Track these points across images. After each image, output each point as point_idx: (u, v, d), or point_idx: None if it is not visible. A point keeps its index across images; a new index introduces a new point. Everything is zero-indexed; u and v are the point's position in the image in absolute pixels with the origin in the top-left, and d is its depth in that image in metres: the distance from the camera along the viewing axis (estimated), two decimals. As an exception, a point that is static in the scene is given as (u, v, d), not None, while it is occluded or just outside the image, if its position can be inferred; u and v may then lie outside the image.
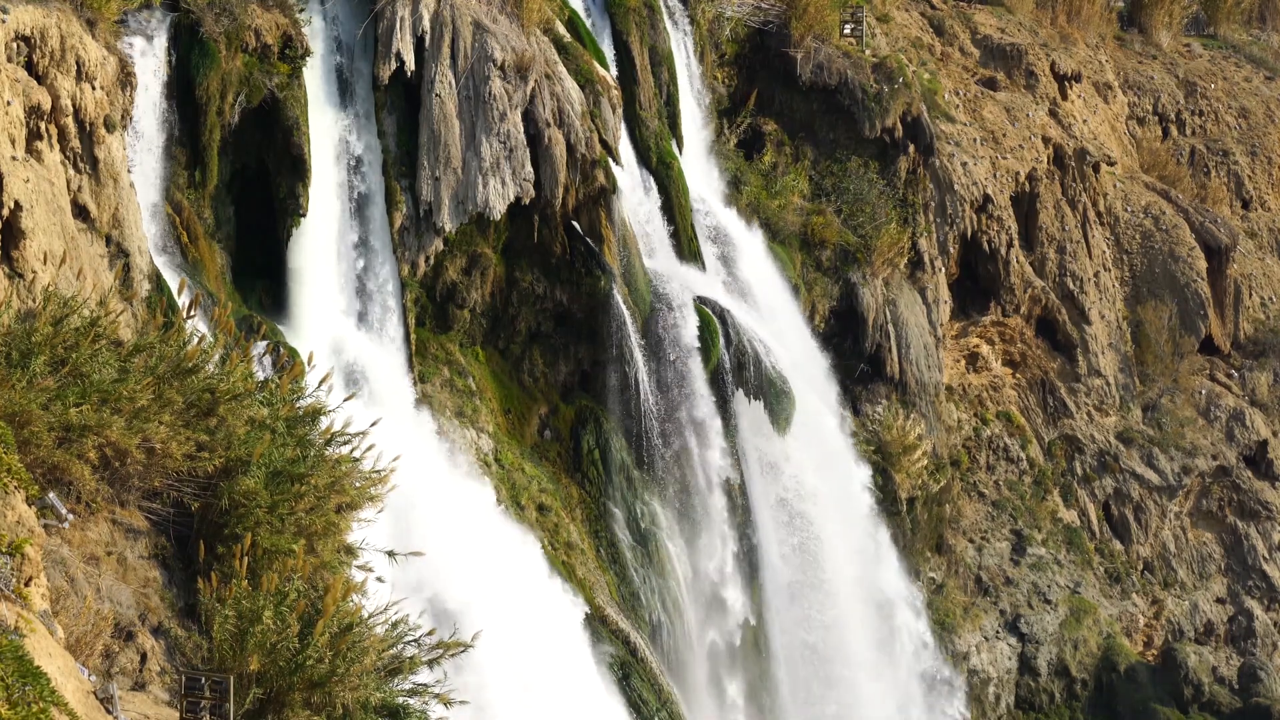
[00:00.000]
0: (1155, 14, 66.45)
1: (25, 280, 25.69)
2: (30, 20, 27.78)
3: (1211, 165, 63.99)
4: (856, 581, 45.04)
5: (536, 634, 34.27)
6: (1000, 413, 53.82)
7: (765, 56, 49.26)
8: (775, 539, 43.11)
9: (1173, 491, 55.09)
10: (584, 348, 40.51)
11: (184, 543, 20.83)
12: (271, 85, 34.79)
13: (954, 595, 50.06)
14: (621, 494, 40.37)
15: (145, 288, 30.35)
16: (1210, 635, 54.51)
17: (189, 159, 34.05)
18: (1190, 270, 57.85)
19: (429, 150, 37.53)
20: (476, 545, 34.68)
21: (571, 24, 41.95)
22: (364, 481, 21.77)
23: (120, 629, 18.83)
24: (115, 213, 29.76)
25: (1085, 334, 55.13)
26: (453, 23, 38.00)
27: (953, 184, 51.41)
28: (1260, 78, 68.22)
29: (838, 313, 47.73)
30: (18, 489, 16.55)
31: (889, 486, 47.49)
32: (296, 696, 18.46)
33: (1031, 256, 54.55)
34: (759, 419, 42.46)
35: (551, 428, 40.53)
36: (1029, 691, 50.56)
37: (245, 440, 20.74)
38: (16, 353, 19.48)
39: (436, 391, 38.14)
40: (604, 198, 39.82)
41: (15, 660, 13.89)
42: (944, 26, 58.30)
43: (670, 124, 44.47)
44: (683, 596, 40.74)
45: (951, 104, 54.30)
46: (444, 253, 38.39)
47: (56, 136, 28.49)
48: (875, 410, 48.01)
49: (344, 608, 19.02)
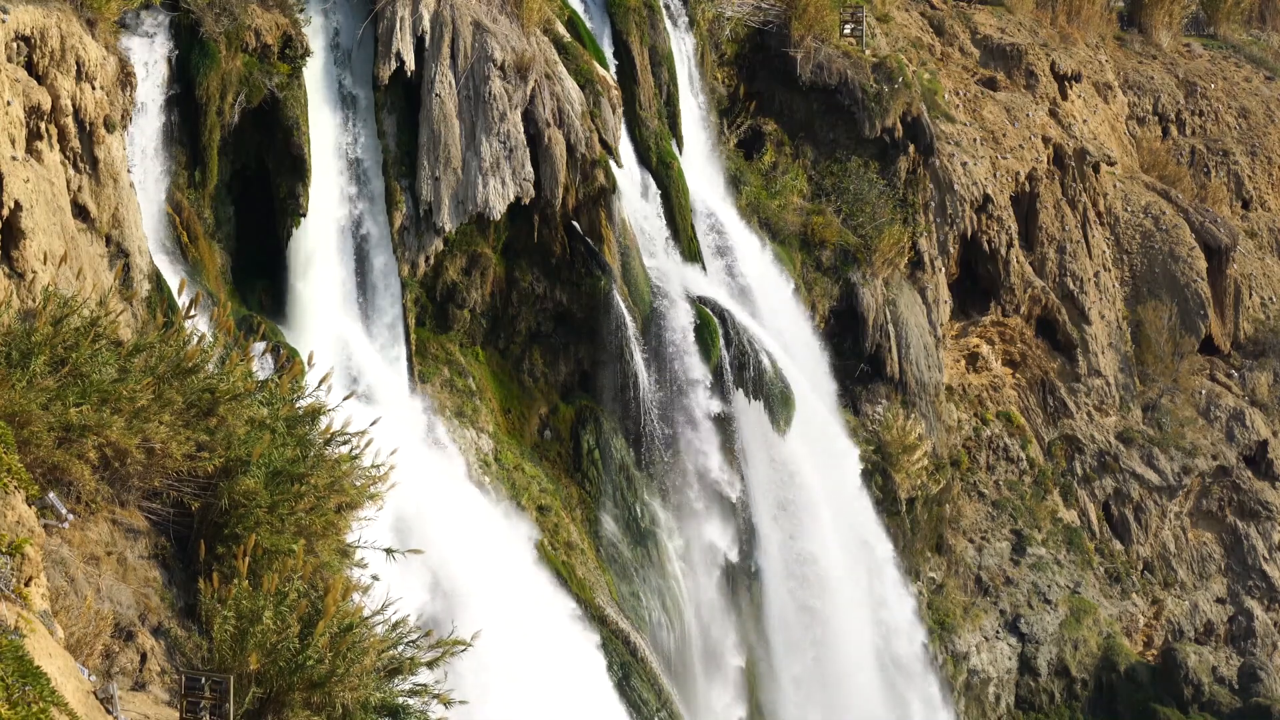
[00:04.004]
0: (1155, 14, 66.46)
1: (25, 280, 25.68)
2: (30, 20, 27.78)
3: (1211, 165, 63.99)
4: (856, 582, 45.04)
5: (536, 633, 34.27)
6: (1000, 413, 53.83)
7: (765, 56, 49.24)
8: (775, 539, 43.12)
9: (1173, 491, 55.09)
10: (584, 348, 40.52)
11: (184, 543, 20.82)
12: (271, 85, 34.79)
13: (954, 595, 50.06)
14: (621, 494, 40.37)
15: (145, 288, 30.35)
16: (1210, 635, 54.51)
17: (189, 159, 34.04)
18: (1190, 270, 57.85)
19: (429, 150, 37.54)
20: (477, 545, 34.69)
21: (571, 24, 41.95)
22: (364, 480, 21.76)
23: (120, 629, 18.82)
24: (115, 213, 29.76)
25: (1085, 334, 55.13)
26: (453, 23, 38.00)
27: (953, 184, 51.41)
28: (1260, 78, 68.23)
29: (838, 313, 47.72)
30: (18, 489, 16.55)
31: (889, 486, 47.49)
32: (296, 696, 18.46)
33: (1031, 256, 54.55)
34: (759, 419, 42.46)
35: (551, 428, 40.53)
36: (1029, 691, 50.56)
37: (245, 440, 20.72)
38: (16, 353, 19.47)
39: (436, 391, 38.15)
40: (604, 198, 39.83)
41: (15, 660, 13.89)
42: (944, 26, 58.30)
43: (670, 124, 44.46)
44: (682, 596, 40.74)
45: (951, 104, 54.30)
46: (444, 253, 38.40)
47: (56, 136, 28.49)
48: (875, 410, 48.00)
49: (344, 608, 19.02)
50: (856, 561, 45.24)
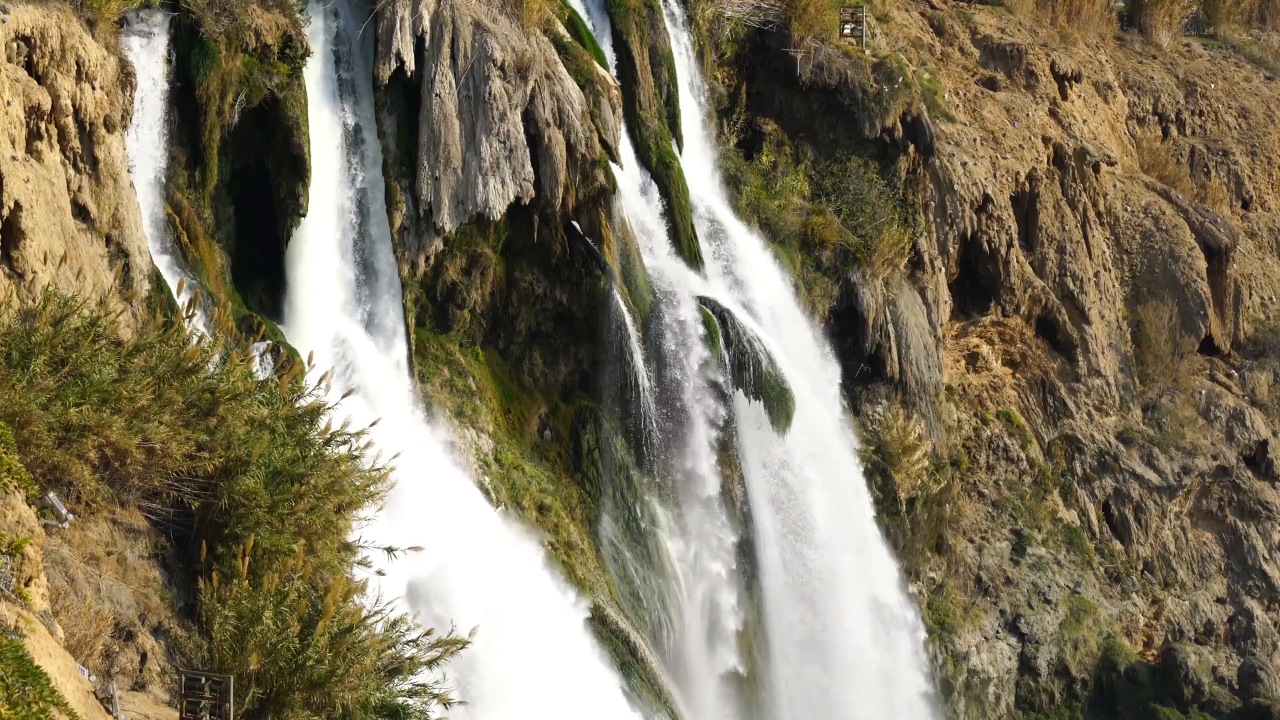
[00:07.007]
0: (1155, 14, 66.46)
1: (25, 280, 25.69)
2: (30, 20, 27.78)
3: (1211, 165, 63.99)
4: (855, 580, 45.03)
5: (538, 634, 34.28)
6: (1000, 413, 53.82)
7: (765, 56, 49.24)
8: (774, 538, 43.12)
9: (1173, 491, 55.09)
10: (584, 348, 40.52)
11: (184, 543, 20.81)
12: (271, 85, 34.80)
13: (954, 595, 50.06)
14: (621, 494, 40.37)
15: (145, 288, 30.35)
16: (1210, 635, 54.50)
17: (189, 159, 34.05)
18: (1190, 270, 57.85)
19: (429, 150, 37.54)
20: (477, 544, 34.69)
21: (571, 24, 41.96)
22: (363, 480, 21.75)
23: (120, 629, 18.82)
24: (115, 213, 29.77)
25: (1085, 334, 55.13)
26: (453, 23, 38.00)
27: (953, 184, 51.41)
28: (1260, 78, 68.23)
29: (838, 313, 47.71)
30: (18, 489, 16.54)
31: (889, 486, 47.49)
32: (296, 697, 18.44)
33: (1031, 256, 54.55)
34: (759, 419, 42.46)
35: (551, 428, 40.53)
36: (1029, 691, 50.55)
37: (245, 440, 20.71)
38: (16, 353, 19.46)
39: (436, 391, 38.14)
40: (604, 198, 39.83)
41: (15, 660, 13.88)
42: (944, 26, 58.31)
43: (670, 124, 44.47)
44: (682, 596, 40.75)
45: (951, 104, 54.30)
46: (444, 253, 38.40)
47: (56, 136, 28.49)
48: (875, 410, 48.00)
49: (344, 608, 19.01)
50: (857, 561, 45.23)
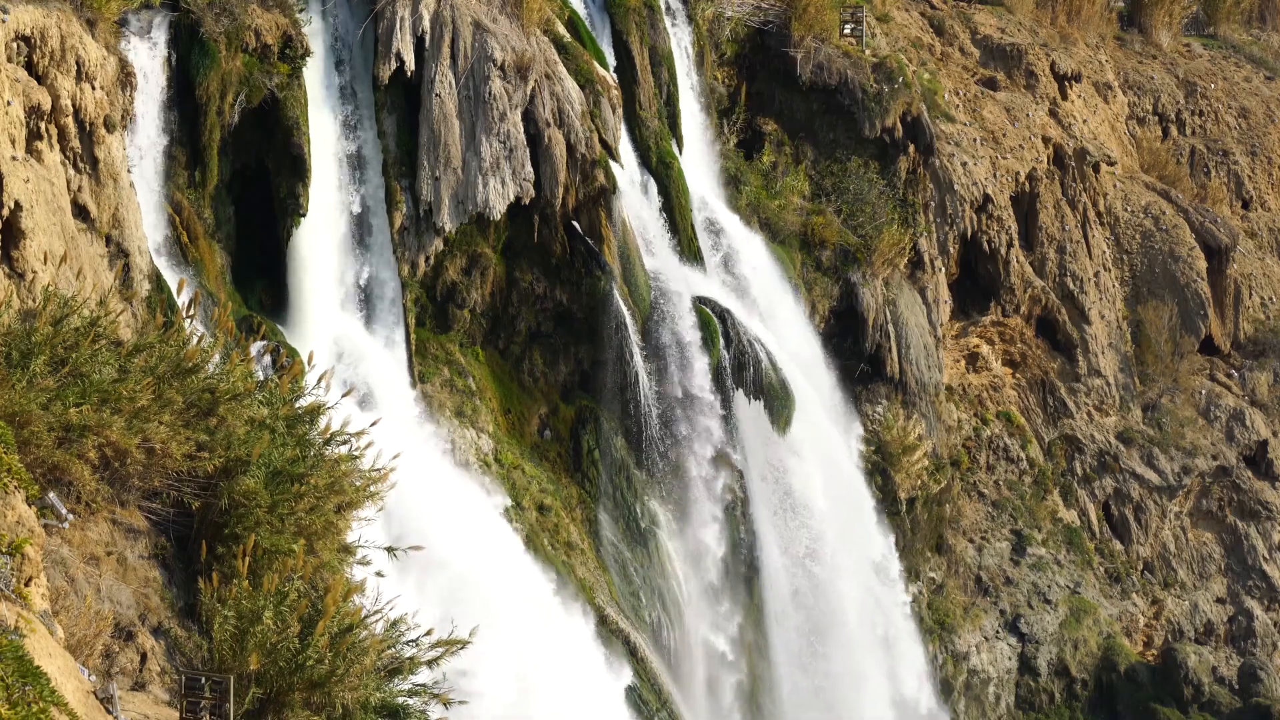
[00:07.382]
0: (1155, 14, 66.46)
1: (25, 280, 25.69)
2: (30, 20, 27.78)
3: (1211, 165, 63.99)
4: (855, 580, 45.03)
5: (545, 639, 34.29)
6: (1000, 413, 53.82)
7: (765, 56, 49.23)
8: (775, 538, 43.12)
9: (1173, 491, 55.08)
10: (584, 348, 40.51)
11: (184, 543, 20.81)
12: (271, 85, 34.80)
13: (954, 595, 50.05)
14: (621, 494, 40.37)
15: (145, 287, 30.36)
16: (1210, 635, 54.50)
17: (189, 159, 34.05)
18: (1190, 270, 57.84)
19: (429, 150, 37.54)
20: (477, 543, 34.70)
21: (571, 24, 41.96)
22: (363, 480, 21.74)
23: (120, 629, 18.82)
24: (115, 213, 29.77)
25: (1085, 334, 55.13)
26: (453, 23, 38.00)
27: (953, 184, 51.41)
28: (1260, 78, 68.23)
29: (838, 313, 47.71)
30: (18, 489, 16.54)
31: (889, 486, 47.49)
32: (296, 696, 18.44)
33: (1031, 256, 54.54)
34: (759, 419, 42.46)
35: (551, 428, 40.53)
36: (1029, 691, 50.55)
37: (245, 440, 20.71)
38: (16, 353, 19.46)
39: (436, 391, 38.14)
40: (604, 198, 39.82)
41: (15, 660, 13.88)
42: (944, 26, 58.31)
43: (670, 124, 44.47)
44: (682, 596, 40.74)
45: (951, 104, 54.30)
46: (444, 253, 38.40)
47: (56, 136, 28.50)
48: (875, 410, 48.00)
49: (344, 608, 19.01)
50: (856, 560, 45.24)
